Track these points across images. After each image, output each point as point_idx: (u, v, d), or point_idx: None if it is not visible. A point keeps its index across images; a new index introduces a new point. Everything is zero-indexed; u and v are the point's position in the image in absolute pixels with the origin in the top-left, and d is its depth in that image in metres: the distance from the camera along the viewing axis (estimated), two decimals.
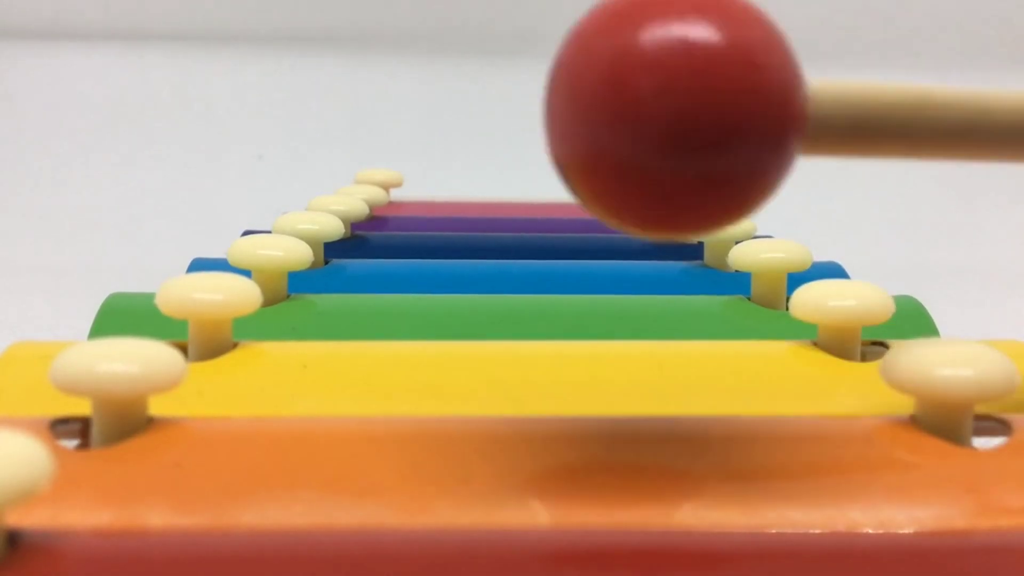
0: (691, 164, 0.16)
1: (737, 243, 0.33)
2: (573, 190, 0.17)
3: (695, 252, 0.38)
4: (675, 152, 0.16)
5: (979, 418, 0.21)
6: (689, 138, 0.15)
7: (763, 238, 0.34)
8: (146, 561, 0.16)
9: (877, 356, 0.26)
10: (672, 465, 0.19)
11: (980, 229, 0.81)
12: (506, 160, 0.86)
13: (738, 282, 0.33)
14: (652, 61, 0.15)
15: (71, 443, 0.21)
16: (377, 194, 0.47)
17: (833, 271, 0.36)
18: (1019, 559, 0.17)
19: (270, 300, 0.30)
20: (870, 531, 0.18)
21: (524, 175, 0.85)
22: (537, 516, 0.18)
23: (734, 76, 0.15)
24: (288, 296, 0.31)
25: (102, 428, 0.19)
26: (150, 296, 0.26)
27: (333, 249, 0.37)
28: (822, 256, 0.35)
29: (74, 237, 0.75)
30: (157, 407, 0.20)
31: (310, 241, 0.33)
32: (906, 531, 0.18)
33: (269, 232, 0.35)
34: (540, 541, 0.17)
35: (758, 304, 0.31)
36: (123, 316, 0.30)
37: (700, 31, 0.15)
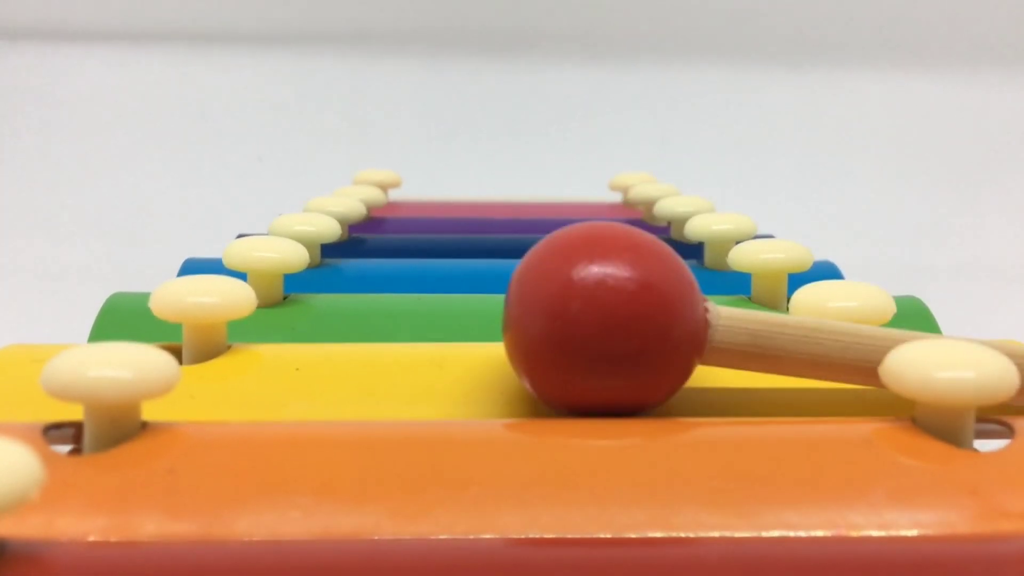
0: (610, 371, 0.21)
1: (737, 243, 0.33)
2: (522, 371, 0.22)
3: (695, 252, 0.38)
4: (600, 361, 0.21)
5: (980, 420, 0.20)
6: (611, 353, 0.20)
7: (763, 238, 0.33)
8: (137, 571, 0.15)
9: None
10: (670, 468, 0.19)
11: (980, 228, 0.81)
12: (504, 161, 0.85)
13: (738, 282, 0.33)
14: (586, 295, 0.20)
15: (64, 448, 0.20)
16: (375, 195, 0.47)
17: (828, 271, 0.36)
18: (1021, 562, 0.16)
19: (266, 302, 0.30)
20: (871, 534, 0.17)
21: (522, 176, 0.85)
22: (537, 522, 0.17)
23: (648, 311, 0.20)
24: (284, 297, 0.31)
25: (95, 433, 0.19)
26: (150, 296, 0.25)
27: (330, 250, 0.37)
28: (822, 255, 0.35)
29: (70, 238, 0.75)
30: (150, 410, 0.20)
31: (307, 243, 0.33)
32: (907, 534, 0.17)
33: (265, 234, 0.35)
34: (540, 547, 0.17)
35: (758, 304, 0.31)
36: (124, 316, 0.30)
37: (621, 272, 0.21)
